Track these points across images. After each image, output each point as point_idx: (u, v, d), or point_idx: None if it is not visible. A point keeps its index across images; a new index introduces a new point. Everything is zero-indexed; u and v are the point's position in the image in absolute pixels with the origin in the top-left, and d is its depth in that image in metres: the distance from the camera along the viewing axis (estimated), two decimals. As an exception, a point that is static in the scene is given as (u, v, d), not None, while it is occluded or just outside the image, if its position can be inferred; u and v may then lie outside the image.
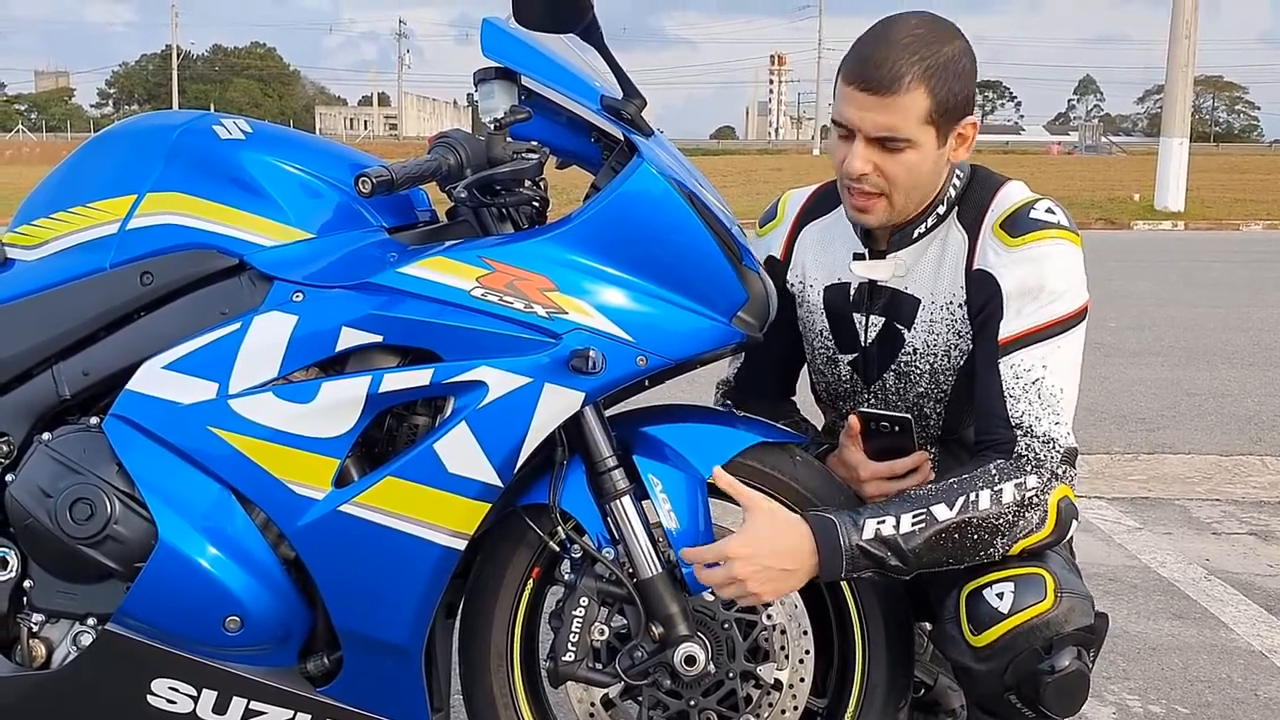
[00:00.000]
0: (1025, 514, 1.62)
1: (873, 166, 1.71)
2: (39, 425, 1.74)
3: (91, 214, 1.74)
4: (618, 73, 1.72)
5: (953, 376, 1.86)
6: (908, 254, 1.83)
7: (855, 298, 1.90)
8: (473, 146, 1.70)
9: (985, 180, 1.83)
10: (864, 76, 1.67)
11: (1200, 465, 4.44)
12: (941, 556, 1.62)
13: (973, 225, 1.78)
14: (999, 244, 1.73)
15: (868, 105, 1.67)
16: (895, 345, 1.87)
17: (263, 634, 1.69)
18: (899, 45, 1.66)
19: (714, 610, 1.74)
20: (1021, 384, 1.68)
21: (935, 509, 1.61)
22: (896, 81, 1.65)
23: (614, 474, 1.72)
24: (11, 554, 1.72)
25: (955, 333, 1.82)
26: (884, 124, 1.67)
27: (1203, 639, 2.84)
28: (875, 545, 1.60)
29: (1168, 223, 19.68)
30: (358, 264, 1.68)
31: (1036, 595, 1.61)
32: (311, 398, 1.64)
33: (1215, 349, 7.03)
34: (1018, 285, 1.70)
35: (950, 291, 1.81)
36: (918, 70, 1.65)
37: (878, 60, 1.66)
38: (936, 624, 1.72)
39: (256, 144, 1.76)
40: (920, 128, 1.68)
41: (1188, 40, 19.59)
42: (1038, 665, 1.60)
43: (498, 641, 1.81)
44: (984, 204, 1.79)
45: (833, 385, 1.97)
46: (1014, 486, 1.63)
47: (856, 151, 1.70)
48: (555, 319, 1.63)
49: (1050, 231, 1.72)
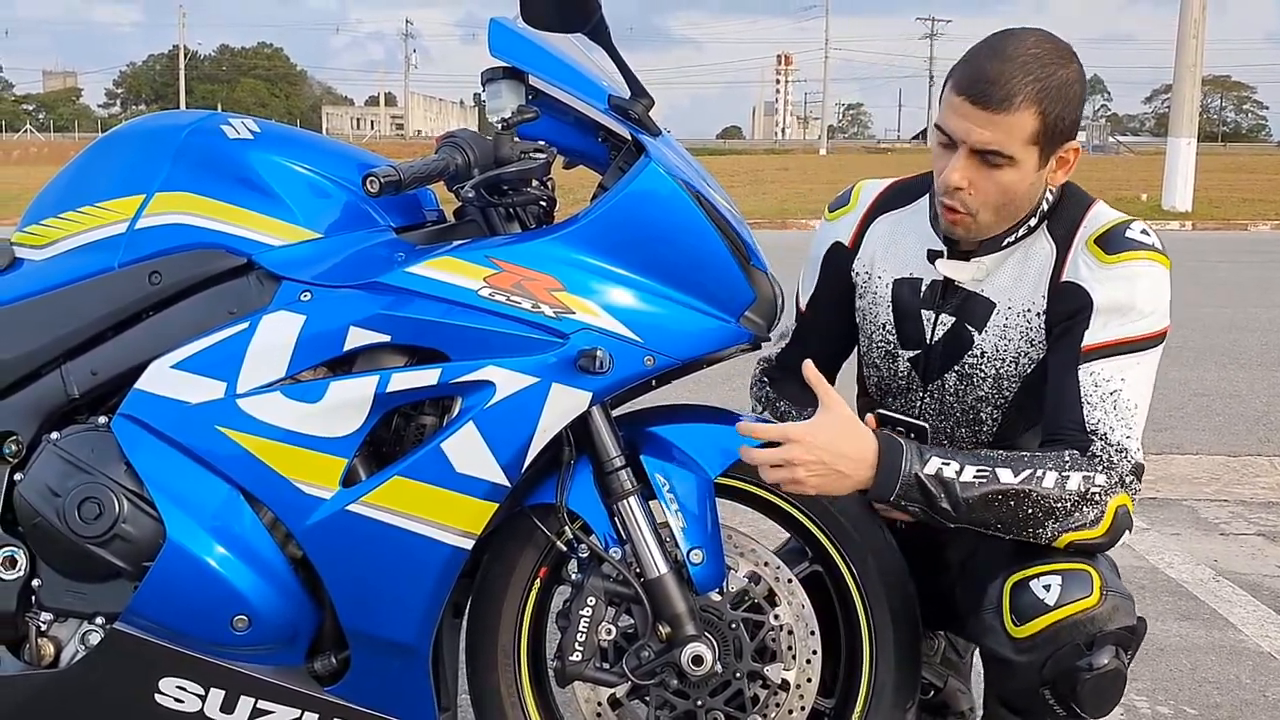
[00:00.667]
0: (1083, 508, 1.63)
1: (969, 182, 1.71)
2: (47, 424, 1.74)
3: (100, 214, 1.75)
4: (625, 72, 1.72)
5: (1016, 384, 1.84)
6: (991, 259, 1.82)
7: (926, 295, 1.88)
8: (480, 146, 1.70)
9: (1076, 197, 1.83)
10: (976, 90, 1.65)
11: (1208, 466, 4.43)
12: (990, 517, 1.62)
13: (1064, 238, 1.78)
14: (1093, 259, 1.74)
15: (975, 119, 1.66)
16: (963, 346, 1.86)
17: (270, 633, 1.69)
18: (1016, 63, 1.65)
19: (721, 610, 1.74)
20: (1100, 393, 1.68)
21: (1000, 471, 1.62)
22: (1008, 100, 1.64)
23: (621, 474, 1.72)
24: (20, 553, 1.73)
25: (1028, 341, 1.81)
26: (989, 140, 1.67)
27: (1211, 640, 2.83)
28: (933, 482, 1.61)
29: (1175, 223, 19.63)
30: (365, 264, 1.68)
31: (1083, 590, 1.61)
32: (319, 397, 1.64)
33: (1223, 349, 7.02)
34: (1109, 300, 1.71)
35: (1029, 300, 1.80)
36: (1031, 91, 1.64)
37: (992, 75, 1.65)
38: (974, 613, 1.71)
39: (264, 144, 1.76)
40: (1025, 148, 1.68)
41: (1195, 40, 19.55)
42: (1077, 661, 1.59)
43: (505, 641, 1.81)
44: (1076, 219, 1.79)
45: (886, 380, 1.95)
46: (1082, 478, 1.63)
47: (956, 164, 1.70)
48: (563, 319, 1.63)
49: (1145, 253, 1.73)
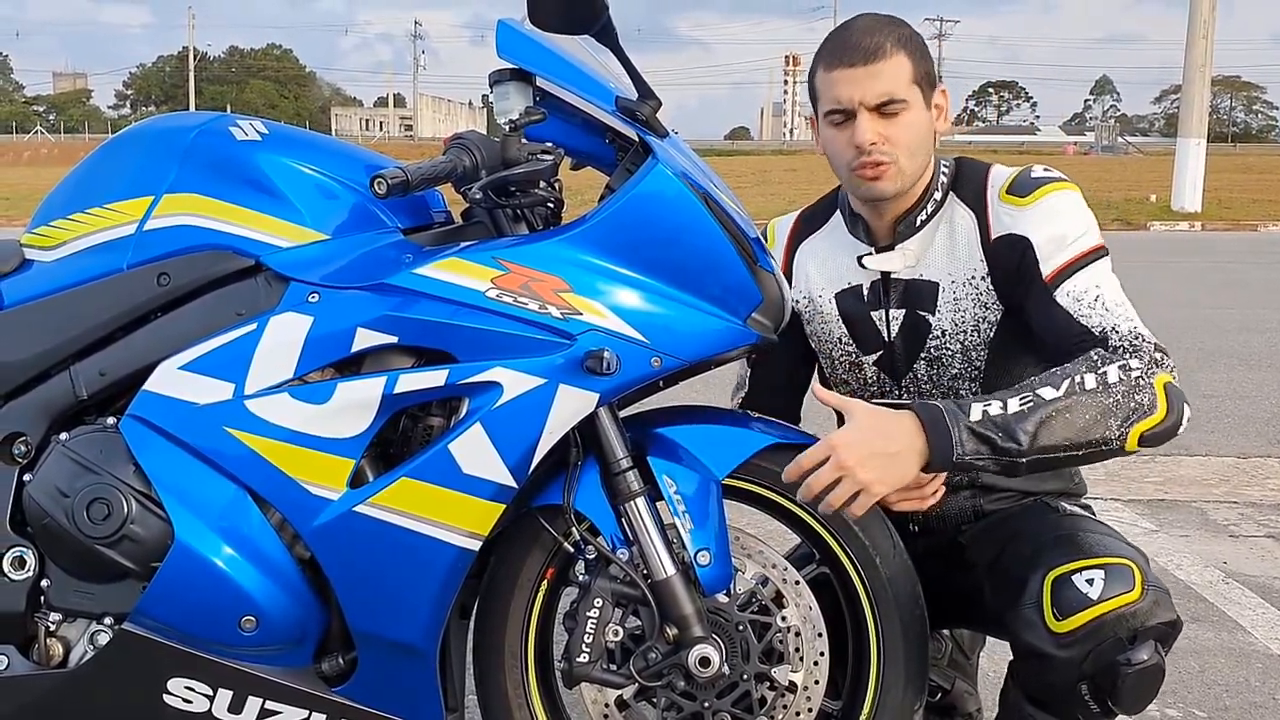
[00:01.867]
0: (1135, 395, 1.62)
1: (877, 135, 1.78)
2: (56, 425, 1.74)
3: (109, 215, 1.75)
4: (632, 74, 1.72)
5: (985, 352, 1.87)
6: (915, 243, 1.87)
7: (870, 296, 1.91)
8: (488, 148, 1.70)
9: (972, 164, 1.92)
10: (849, 56, 1.77)
11: (1217, 467, 4.42)
12: (1055, 438, 1.59)
13: (977, 200, 1.85)
14: (1011, 208, 1.81)
15: (860, 78, 1.77)
16: (922, 333, 1.88)
17: (278, 634, 1.69)
18: (867, 27, 1.79)
19: (729, 612, 1.74)
20: (1085, 303, 1.73)
21: (1041, 390, 1.61)
22: (879, 49, 1.76)
23: (628, 475, 1.72)
24: (29, 553, 1.73)
25: (982, 305, 1.85)
26: (881, 89, 1.77)
27: (1220, 642, 2.82)
28: (984, 425, 1.58)
29: (1185, 223, 19.59)
30: (373, 265, 1.68)
31: (1125, 585, 1.61)
32: (327, 398, 1.64)
33: (1233, 350, 7.00)
34: (1044, 236, 1.77)
35: (969, 268, 1.84)
36: (893, 38, 1.78)
37: (854, 41, 1.78)
38: (1012, 608, 1.68)
39: (272, 145, 1.76)
40: (909, 88, 1.78)
41: (1205, 40, 19.50)
42: (1118, 656, 1.58)
43: (512, 642, 1.81)
44: (980, 181, 1.87)
45: (858, 391, 1.96)
46: (1118, 368, 1.63)
47: (861, 124, 1.78)
48: (570, 320, 1.63)
49: (1054, 184, 1.81)
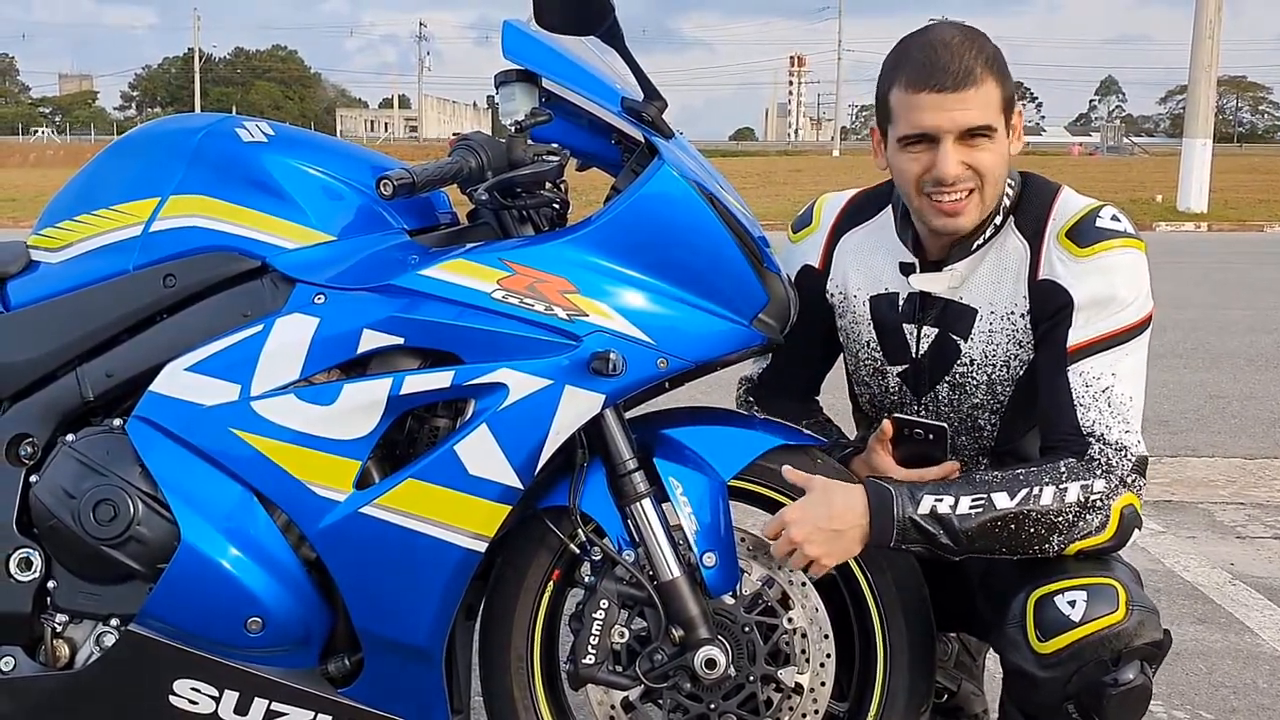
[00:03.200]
0: (1086, 515, 1.62)
1: (963, 166, 1.70)
2: (63, 426, 1.75)
3: (115, 216, 1.75)
4: (638, 74, 1.72)
5: (1010, 388, 1.83)
6: (964, 265, 1.79)
7: (905, 308, 1.86)
8: (493, 149, 1.70)
9: (1040, 187, 1.81)
10: (938, 80, 1.66)
11: (1224, 468, 4.41)
12: (994, 544, 1.63)
13: (1034, 234, 1.76)
14: (1066, 254, 1.72)
15: (950, 104, 1.66)
16: (950, 357, 1.84)
17: (284, 635, 1.69)
18: (956, 45, 1.68)
19: (735, 613, 1.74)
20: (1091, 392, 1.67)
21: (996, 496, 1.62)
22: (970, 74, 1.66)
23: (634, 476, 1.71)
24: (36, 554, 1.73)
25: (1016, 343, 1.80)
26: (975, 117, 1.67)
27: (1228, 644, 2.81)
28: (929, 521, 1.62)
29: (1191, 224, 19.54)
30: (379, 266, 1.68)
31: (1109, 606, 1.60)
32: (333, 400, 1.64)
33: (1239, 351, 6.98)
34: (1089, 296, 1.69)
35: (1011, 301, 1.78)
36: (982, 61, 1.67)
37: (944, 63, 1.66)
38: (997, 628, 1.70)
39: (279, 147, 1.76)
40: (999, 116, 1.70)
41: (1211, 40, 19.46)
42: (1103, 677, 1.58)
43: (518, 644, 1.81)
44: (1043, 212, 1.77)
45: (879, 397, 1.94)
46: (1080, 488, 1.62)
47: (946, 155, 1.68)
48: (576, 321, 1.63)
49: (1118, 241, 1.71)
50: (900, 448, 1.81)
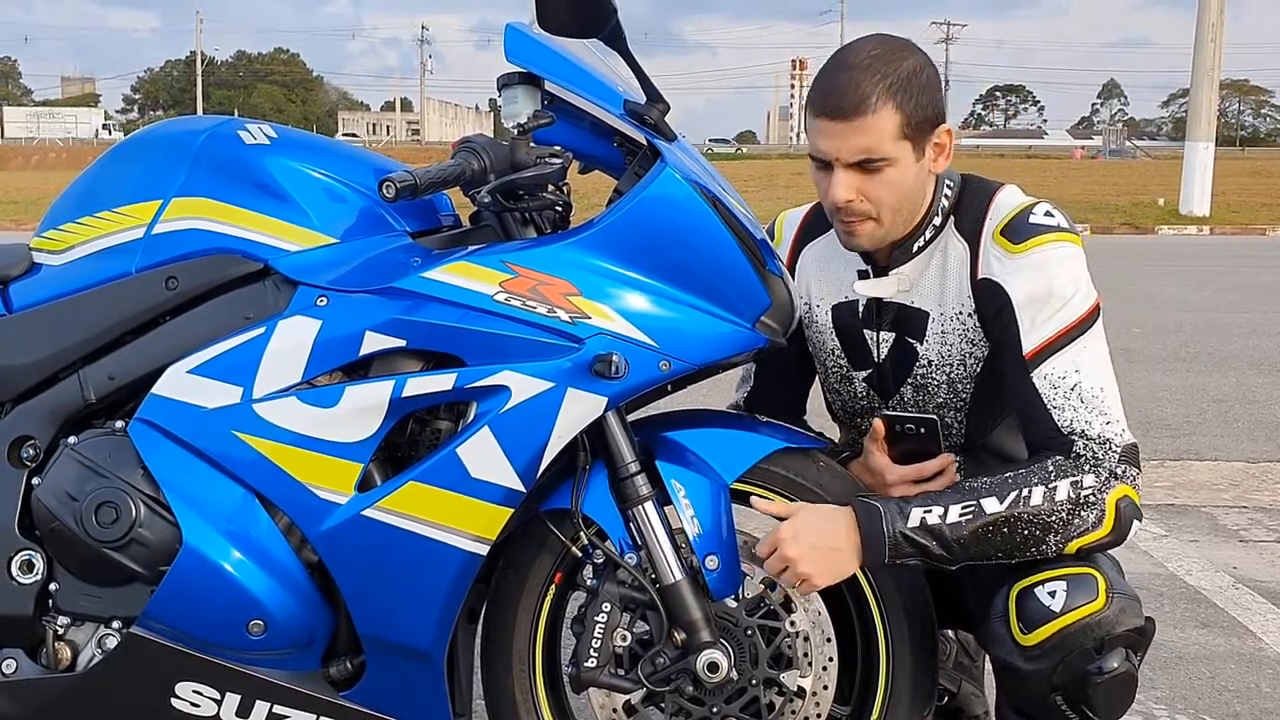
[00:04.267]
0: (1080, 512, 1.62)
1: (855, 192, 1.71)
2: (65, 429, 1.74)
3: (117, 219, 1.75)
4: (641, 77, 1.72)
5: (971, 385, 1.84)
6: (910, 268, 1.82)
7: (864, 315, 1.89)
8: (496, 151, 1.70)
9: (978, 188, 1.82)
10: (830, 105, 1.67)
11: (1227, 472, 4.40)
12: (989, 549, 1.62)
13: (972, 234, 1.78)
14: (1001, 251, 1.74)
15: (839, 133, 1.68)
16: (909, 359, 1.86)
17: (286, 638, 1.69)
18: (859, 68, 1.67)
19: (737, 617, 1.73)
20: (1060, 392, 1.67)
21: (985, 501, 1.61)
22: (863, 103, 1.66)
23: (636, 479, 1.71)
24: (38, 557, 1.73)
25: (969, 341, 1.81)
26: (859, 146, 1.67)
27: (1230, 648, 2.81)
28: (919, 533, 1.61)
29: (1193, 227, 19.55)
30: (381, 269, 1.68)
31: (1088, 595, 1.61)
32: (335, 402, 1.64)
33: (1242, 354, 6.98)
34: (1026, 294, 1.70)
35: (958, 302, 1.80)
36: (881, 88, 1.66)
37: (840, 87, 1.67)
38: (982, 622, 1.71)
39: (281, 149, 1.76)
40: (895, 144, 1.68)
41: (1213, 44, 19.47)
42: (1087, 666, 1.59)
43: (520, 647, 1.81)
44: (981, 211, 1.79)
45: (849, 403, 1.96)
46: (1069, 484, 1.62)
47: (838, 180, 1.70)
48: (578, 323, 1.63)
49: (1051, 235, 1.72)
50: (895, 445, 1.83)
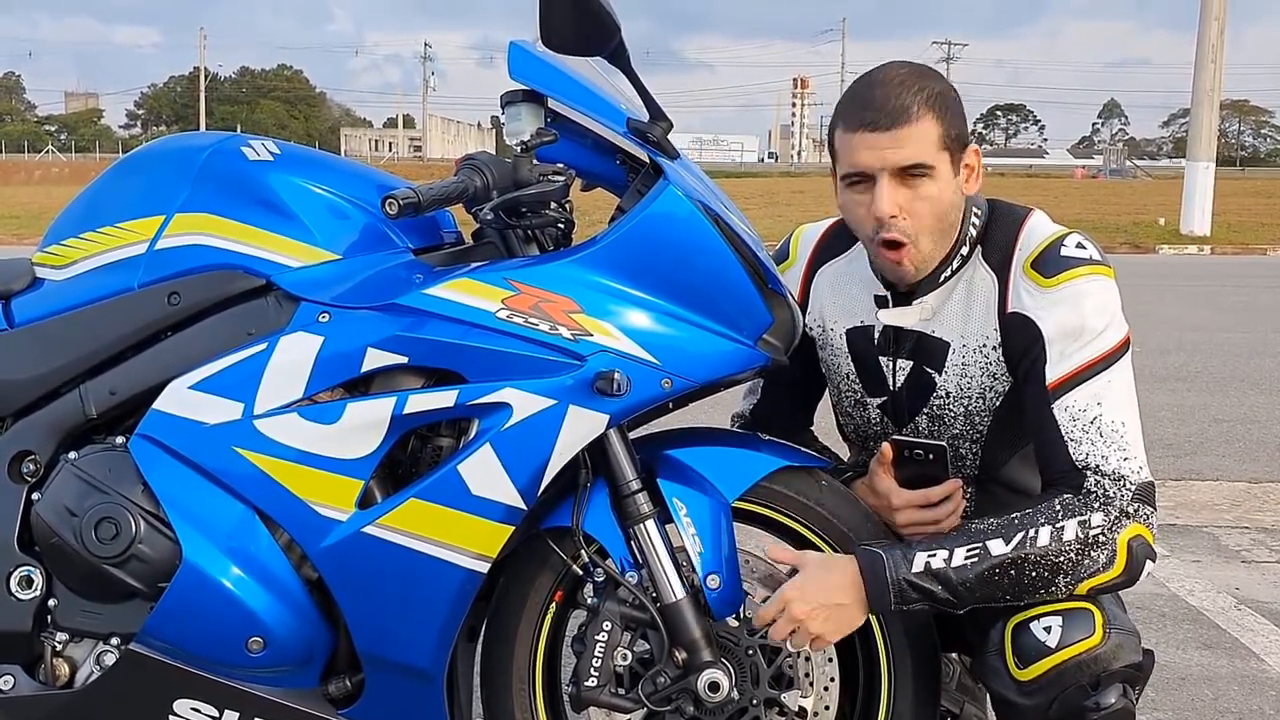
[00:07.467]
0: (1090, 553, 1.58)
1: (899, 207, 1.69)
2: (65, 444, 1.74)
3: (120, 234, 1.75)
4: (644, 95, 1.72)
5: (988, 418, 1.82)
6: (933, 297, 1.79)
7: (880, 341, 1.87)
8: (499, 168, 1.70)
9: (1007, 215, 1.80)
10: (870, 118, 1.68)
11: (1229, 492, 4.40)
12: (996, 592, 1.59)
13: (1001, 265, 1.76)
14: (1032, 285, 1.71)
15: (884, 143, 1.67)
16: (927, 389, 1.83)
17: (285, 655, 1.68)
18: (894, 83, 1.69)
19: (738, 636, 1.73)
20: (1080, 425, 1.64)
21: (991, 544, 1.58)
22: (905, 112, 1.66)
23: (638, 497, 1.71)
24: (37, 572, 1.72)
25: (990, 375, 1.79)
26: (907, 155, 1.67)
27: (1233, 669, 2.80)
28: (924, 578, 1.59)
29: (1193, 247, 19.56)
30: (384, 285, 1.68)
31: (1085, 630, 1.58)
32: (336, 418, 1.64)
33: (1243, 374, 6.98)
34: (1058, 328, 1.67)
35: (982, 334, 1.77)
36: (920, 99, 1.67)
37: (879, 100, 1.68)
38: (979, 655, 1.69)
39: (284, 165, 1.77)
40: (937, 154, 1.69)
41: (1213, 65, 19.52)
42: (1083, 702, 1.57)
43: (520, 665, 1.80)
44: (1010, 242, 1.76)
45: (862, 428, 1.94)
46: (1077, 524, 1.59)
47: (882, 193, 1.69)
48: (580, 341, 1.63)
49: (1084, 269, 1.70)
50: (902, 469, 1.80)
